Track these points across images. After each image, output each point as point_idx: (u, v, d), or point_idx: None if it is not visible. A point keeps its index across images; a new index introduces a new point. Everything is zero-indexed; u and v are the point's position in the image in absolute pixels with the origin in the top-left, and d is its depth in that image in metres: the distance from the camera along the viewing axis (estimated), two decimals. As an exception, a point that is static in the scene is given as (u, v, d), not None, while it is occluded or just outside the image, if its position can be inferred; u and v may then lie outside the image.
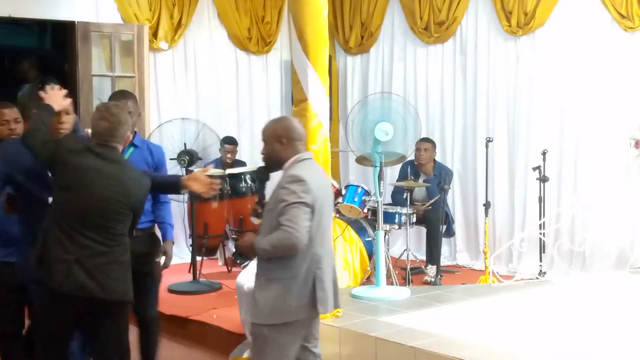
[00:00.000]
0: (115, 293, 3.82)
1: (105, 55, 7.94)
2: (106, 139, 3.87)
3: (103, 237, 3.79)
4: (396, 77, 8.92)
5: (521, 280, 6.62)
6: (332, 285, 3.84)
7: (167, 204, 4.87)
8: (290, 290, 3.66)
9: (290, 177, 3.68)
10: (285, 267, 3.66)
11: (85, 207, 3.76)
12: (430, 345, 4.62)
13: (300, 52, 5.31)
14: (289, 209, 3.58)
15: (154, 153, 4.82)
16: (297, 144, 3.83)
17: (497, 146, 7.72)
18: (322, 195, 3.72)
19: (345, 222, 6.87)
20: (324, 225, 3.75)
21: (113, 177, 3.83)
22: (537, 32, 7.60)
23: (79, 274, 3.70)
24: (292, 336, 3.74)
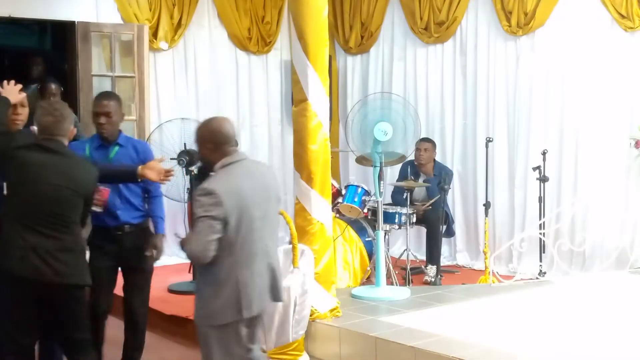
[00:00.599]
0: (68, 277, 4.01)
1: (105, 55, 7.93)
2: (52, 133, 4.10)
3: (55, 226, 3.99)
4: (396, 77, 8.92)
5: (521, 280, 6.62)
6: (269, 282, 3.91)
7: (158, 197, 4.95)
8: (214, 295, 3.77)
9: (202, 189, 3.71)
10: (210, 273, 3.78)
11: (37, 199, 3.98)
12: (430, 345, 4.62)
13: (300, 52, 5.30)
14: (197, 222, 3.68)
15: (139, 150, 4.89)
16: (224, 147, 3.83)
17: (497, 146, 7.72)
18: (240, 203, 3.72)
19: (345, 222, 6.88)
20: (245, 232, 3.75)
21: (60, 168, 4.06)
22: (537, 32, 7.60)
23: (34, 259, 3.91)
24: (232, 335, 3.82)
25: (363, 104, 6.40)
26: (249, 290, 3.78)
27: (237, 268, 3.75)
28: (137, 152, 4.87)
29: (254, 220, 3.79)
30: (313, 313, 5.12)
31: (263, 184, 3.93)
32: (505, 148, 7.89)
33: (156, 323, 5.90)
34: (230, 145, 3.87)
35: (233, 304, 3.75)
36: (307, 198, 5.29)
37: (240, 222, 3.73)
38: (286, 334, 4.85)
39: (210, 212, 3.64)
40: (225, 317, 3.77)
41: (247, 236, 3.77)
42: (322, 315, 5.22)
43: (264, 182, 3.95)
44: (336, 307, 5.32)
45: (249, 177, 3.86)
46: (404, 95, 8.19)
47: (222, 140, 3.83)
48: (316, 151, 5.30)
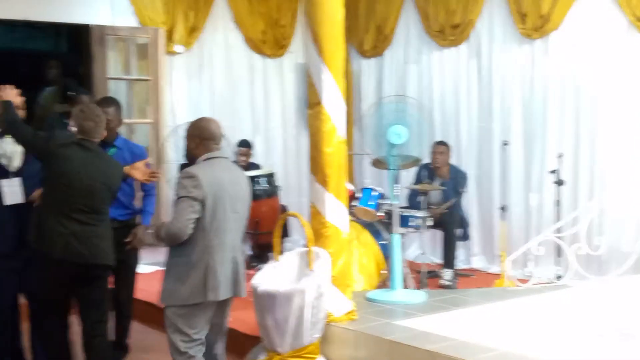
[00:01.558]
0: (102, 258, 4.55)
1: (121, 58, 7.97)
2: (92, 136, 4.53)
3: (91, 215, 4.48)
4: (411, 80, 8.90)
5: (537, 284, 6.58)
6: (231, 275, 4.25)
7: (151, 196, 5.40)
8: (183, 277, 4.13)
9: (184, 172, 4.18)
10: (181, 255, 4.15)
11: (76, 192, 4.41)
12: (446, 349, 4.60)
13: (315, 55, 5.30)
14: (178, 202, 4.10)
15: (135, 154, 5.31)
16: (209, 143, 4.27)
17: (512, 149, 7.69)
18: (218, 192, 4.13)
19: (360, 225, 6.86)
20: (219, 220, 4.14)
21: (95, 165, 4.51)
22: (552, 34, 7.56)
23: (75, 244, 4.40)
24: (194, 318, 4.19)
25: (378, 107, 6.39)
26: (217, 275, 4.15)
27: (208, 253, 4.12)
28: (132, 155, 5.25)
29: (227, 212, 4.19)
30: (329, 316, 5.11)
31: (238, 183, 4.35)
32: (520, 151, 7.86)
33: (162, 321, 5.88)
34: (215, 143, 4.31)
35: (201, 287, 4.10)
36: (322, 201, 5.29)
37: (216, 209, 4.12)
38: (301, 336, 4.84)
39: (191, 193, 4.05)
40: (192, 299, 4.12)
41: (220, 225, 4.15)
42: (337, 318, 5.20)
43: (239, 182, 4.37)
44: (352, 310, 5.31)
45: (228, 173, 4.29)
46: (418, 98, 8.16)
47: (207, 137, 4.28)
48: (331, 154, 5.29)
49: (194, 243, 4.09)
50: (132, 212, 5.29)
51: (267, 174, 7.61)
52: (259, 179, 7.49)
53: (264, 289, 4.88)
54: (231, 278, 4.26)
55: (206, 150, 4.26)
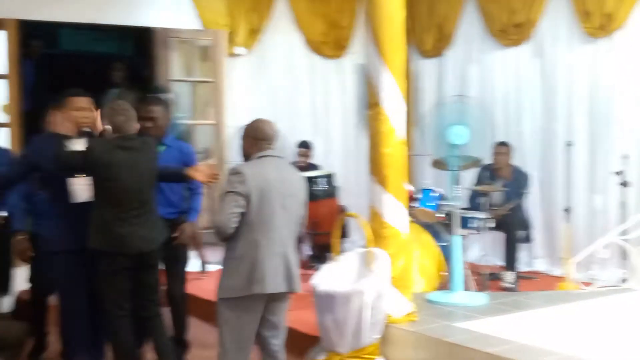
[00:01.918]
0: (157, 242, 4.78)
1: (183, 60, 8.09)
2: (126, 130, 4.64)
3: (144, 207, 4.69)
4: (472, 80, 8.83)
5: (602, 287, 6.46)
6: (283, 270, 4.27)
7: (197, 195, 5.44)
8: (232, 270, 4.24)
9: (231, 169, 4.31)
10: (230, 249, 4.26)
11: (127, 195, 4.60)
12: (507, 352, 4.55)
13: (375, 55, 5.30)
14: (224, 196, 4.20)
15: (183, 152, 5.41)
16: (261, 143, 4.36)
17: (576, 150, 7.55)
18: (264, 188, 4.21)
19: (420, 227, 6.83)
20: (265, 215, 4.21)
21: (140, 161, 4.67)
22: (616, 33, 7.41)
23: (133, 240, 4.62)
24: (243, 313, 4.24)
25: (438, 107, 6.36)
26: (262, 268, 4.18)
27: (254, 247, 4.19)
28: (181, 154, 5.34)
29: (275, 207, 4.24)
30: (388, 317, 5.10)
31: (289, 180, 4.39)
32: (585, 152, 7.72)
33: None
34: (267, 143, 4.38)
35: (246, 279, 4.17)
36: (382, 202, 5.28)
37: (262, 204, 4.19)
38: (361, 337, 4.84)
39: (236, 188, 4.16)
40: (239, 291, 4.19)
41: (266, 219, 4.22)
42: (397, 319, 5.19)
43: (290, 180, 4.40)
44: (412, 311, 5.30)
45: (277, 170, 4.34)
46: (479, 98, 8.09)
47: (260, 137, 4.36)
48: (390, 155, 5.29)
49: (241, 238, 4.19)
50: (179, 210, 5.37)
51: (326, 174, 7.64)
52: (318, 179, 7.51)
53: (323, 289, 4.90)
54: (283, 273, 4.27)
55: (259, 150, 4.34)
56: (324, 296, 4.88)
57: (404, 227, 5.38)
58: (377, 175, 5.32)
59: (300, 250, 7.75)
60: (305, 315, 5.42)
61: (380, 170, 5.29)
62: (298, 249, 7.68)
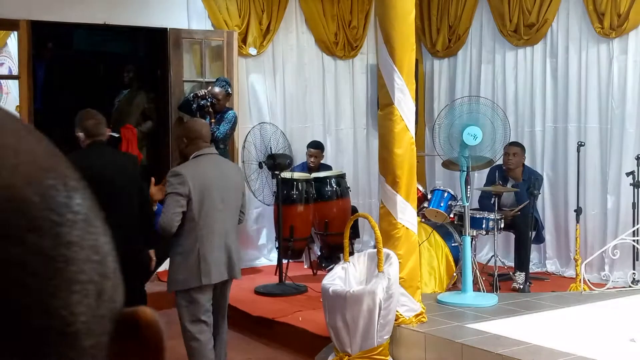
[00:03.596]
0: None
1: (195, 61, 8.11)
2: (97, 134, 4.78)
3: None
4: (484, 80, 8.80)
5: (613, 288, 6.44)
6: (225, 260, 4.59)
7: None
8: (179, 264, 4.54)
9: (171, 172, 4.62)
10: (176, 245, 4.55)
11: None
12: (518, 353, 4.54)
13: (386, 56, 5.30)
14: (166, 198, 4.47)
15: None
16: (197, 142, 4.60)
17: (589, 151, 7.53)
18: (204, 186, 4.48)
19: (431, 227, 6.83)
20: (206, 210, 4.49)
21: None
22: (630, 34, 7.38)
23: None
24: (196, 301, 4.54)
25: (450, 108, 6.35)
26: (207, 261, 4.50)
27: (199, 242, 4.49)
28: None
29: (216, 202, 4.53)
30: (398, 318, 5.11)
31: (227, 174, 4.68)
32: (597, 152, 7.68)
33: (243, 324, 6.00)
34: (203, 141, 4.62)
35: (195, 272, 4.48)
36: (392, 202, 5.28)
37: (202, 201, 4.48)
38: (371, 338, 4.85)
39: (177, 189, 4.43)
40: (189, 283, 4.51)
41: (208, 215, 4.51)
42: (407, 320, 5.20)
43: (228, 174, 4.70)
44: (422, 312, 5.30)
45: (215, 167, 4.62)
46: (492, 99, 8.07)
47: (194, 136, 4.60)
48: (401, 155, 5.29)
49: (187, 234, 4.48)
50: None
51: (337, 175, 7.64)
52: (329, 180, 7.52)
53: (333, 289, 4.91)
54: (226, 263, 4.60)
55: (196, 149, 4.57)
56: (335, 297, 4.89)
57: (414, 228, 5.38)
58: (387, 175, 5.32)
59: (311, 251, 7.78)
60: (315, 315, 5.43)
61: (391, 171, 5.29)
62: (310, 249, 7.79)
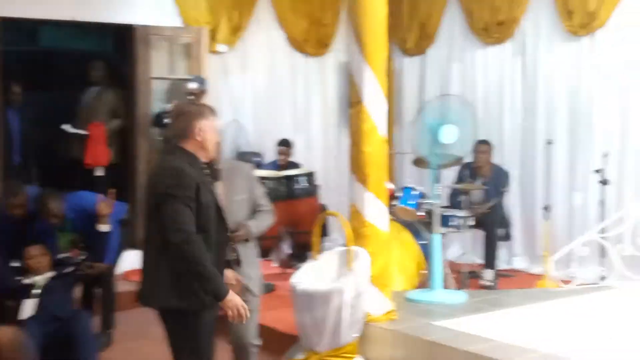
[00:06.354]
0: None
1: (165, 58, 8.05)
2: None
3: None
4: (454, 78, 8.84)
5: (580, 285, 6.50)
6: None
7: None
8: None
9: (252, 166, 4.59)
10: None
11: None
12: (487, 350, 4.57)
13: (357, 54, 5.30)
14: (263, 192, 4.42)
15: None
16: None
17: (557, 148, 7.59)
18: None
19: (400, 225, 6.84)
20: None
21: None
22: (598, 32, 7.45)
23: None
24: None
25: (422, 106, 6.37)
26: None
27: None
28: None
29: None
30: (367, 316, 5.11)
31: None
32: (565, 150, 7.75)
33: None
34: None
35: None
36: (362, 200, 5.28)
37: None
38: (340, 336, 4.84)
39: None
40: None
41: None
42: (376, 318, 5.20)
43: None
44: (391, 310, 5.30)
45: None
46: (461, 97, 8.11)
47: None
48: (371, 153, 5.29)
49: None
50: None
51: (306, 173, 7.63)
52: (298, 178, 7.50)
53: (302, 288, 4.90)
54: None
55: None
56: (304, 295, 4.87)
57: (384, 226, 5.38)
58: (358, 173, 5.32)
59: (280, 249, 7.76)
60: (284, 314, 5.41)
61: (361, 169, 5.29)
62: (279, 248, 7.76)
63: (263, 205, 4.52)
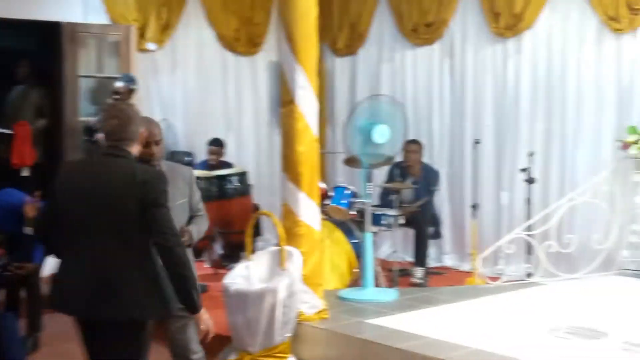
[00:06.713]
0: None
1: (92, 56, 7.90)
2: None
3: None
4: (384, 78, 8.92)
5: (508, 282, 6.63)
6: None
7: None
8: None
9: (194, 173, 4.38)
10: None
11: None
12: (418, 347, 4.63)
13: (288, 53, 5.30)
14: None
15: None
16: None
17: (484, 148, 7.74)
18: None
19: (332, 224, 6.87)
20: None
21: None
22: (525, 34, 7.62)
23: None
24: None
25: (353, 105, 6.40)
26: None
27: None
28: None
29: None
30: (300, 315, 5.11)
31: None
32: (492, 150, 7.91)
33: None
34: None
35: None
36: (295, 200, 5.29)
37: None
38: (273, 336, 4.83)
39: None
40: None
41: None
42: (309, 317, 5.21)
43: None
44: (323, 309, 5.32)
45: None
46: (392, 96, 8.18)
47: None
48: (304, 153, 5.29)
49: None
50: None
51: (239, 172, 7.58)
52: (230, 177, 7.46)
53: (235, 288, 4.88)
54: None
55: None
56: (236, 295, 4.85)
57: (317, 225, 5.40)
58: (290, 173, 5.32)
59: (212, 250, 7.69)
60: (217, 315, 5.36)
61: (294, 168, 5.29)
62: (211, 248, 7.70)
63: (200, 210, 4.39)
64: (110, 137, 3.54)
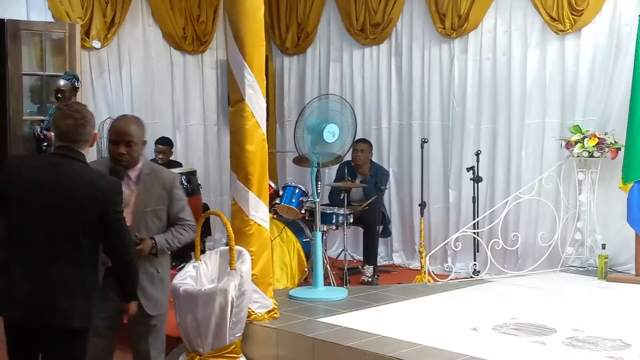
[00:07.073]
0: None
1: (36, 54, 7.76)
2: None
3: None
4: (332, 78, 8.93)
5: (456, 279, 6.71)
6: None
7: None
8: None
9: (176, 177, 4.24)
10: (169, 263, 4.27)
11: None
12: (367, 345, 4.65)
13: (236, 52, 5.27)
14: (186, 206, 4.12)
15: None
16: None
17: (432, 147, 7.82)
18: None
19: (282, 223, 6.86)
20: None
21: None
22: (470, 34, 7.71)
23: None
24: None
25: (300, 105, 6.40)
26: None
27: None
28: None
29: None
30: (250, 315, 5.10)
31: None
32: (439, 149, 7.99)
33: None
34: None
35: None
36: (245, 199, 5.26)
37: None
38: (223, 336, 4.80)
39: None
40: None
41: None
42: (259, 317, 5.20)
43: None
44: (274, 308, 5.31)
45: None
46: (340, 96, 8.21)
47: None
48: (253, 152, 5.27)
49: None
50: None
51: (187, 172, 7.52)
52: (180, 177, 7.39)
53: (184, 289, 4.83)
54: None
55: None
56: (186, 296, 4.81)
57: (266, 224, 5.38)
58: (239, 172, 5.29)
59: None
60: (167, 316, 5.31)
61: (243, 168, 5.27)
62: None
63: (183, 220, 4.14)
64: (64, 137, 3.43)
